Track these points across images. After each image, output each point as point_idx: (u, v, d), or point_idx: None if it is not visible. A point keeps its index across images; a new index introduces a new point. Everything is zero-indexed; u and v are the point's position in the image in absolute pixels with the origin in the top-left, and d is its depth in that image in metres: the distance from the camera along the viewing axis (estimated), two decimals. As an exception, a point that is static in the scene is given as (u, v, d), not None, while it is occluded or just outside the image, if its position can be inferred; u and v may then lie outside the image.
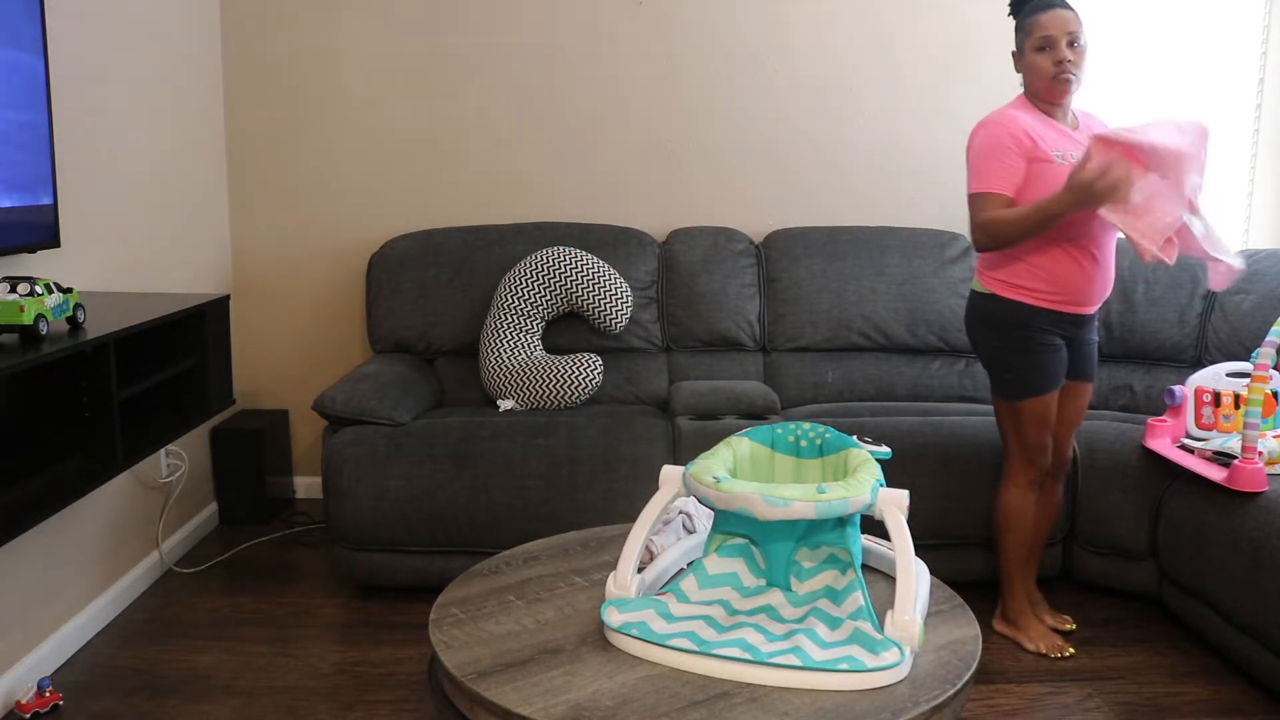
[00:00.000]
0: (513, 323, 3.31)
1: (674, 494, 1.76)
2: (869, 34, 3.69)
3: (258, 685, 2.51)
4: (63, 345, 1.93)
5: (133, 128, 2.99)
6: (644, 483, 2.87)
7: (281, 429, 3.75)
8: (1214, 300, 3.35)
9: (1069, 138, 2.54)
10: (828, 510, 1.62)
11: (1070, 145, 2.52)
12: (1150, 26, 3.71)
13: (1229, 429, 2.86)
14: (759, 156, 3.75)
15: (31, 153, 2.27)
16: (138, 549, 3.05)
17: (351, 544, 2.92)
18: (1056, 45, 2.49)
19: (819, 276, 3.50)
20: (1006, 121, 2.51)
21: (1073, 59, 2.49)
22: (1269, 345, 2.51)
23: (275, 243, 3.76)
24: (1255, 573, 2.38)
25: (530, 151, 3.73)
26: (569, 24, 3.67)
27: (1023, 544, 2.70)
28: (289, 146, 3.71)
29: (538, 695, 1.50)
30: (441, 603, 1.81)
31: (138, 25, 3.01)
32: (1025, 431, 2.62)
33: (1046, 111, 2.57)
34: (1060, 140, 2.52)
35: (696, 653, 1.57)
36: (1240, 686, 2.52)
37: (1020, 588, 2.74)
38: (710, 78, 3.71)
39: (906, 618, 1.58)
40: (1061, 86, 2.51)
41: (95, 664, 2.61)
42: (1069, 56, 2.49)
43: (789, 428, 1.93)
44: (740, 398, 3.04)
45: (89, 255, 2.74)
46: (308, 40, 3.65)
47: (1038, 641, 2.68)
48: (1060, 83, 2.50)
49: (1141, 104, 3.74)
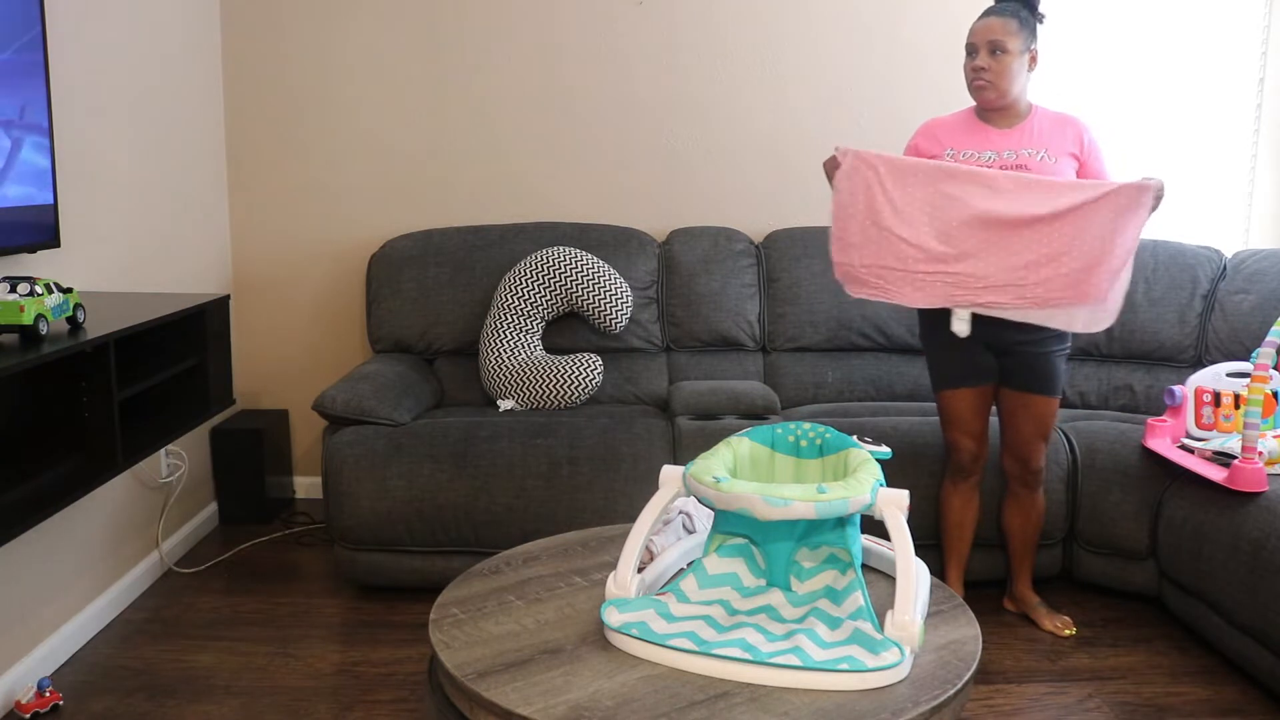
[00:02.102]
0: (513, 323, 3.31)
1: (674, 494, 1.76)
2: (869, 34, 3.69)
3: (258, 685, 2.51)
4: (63, 345, 1.93)
5: (133, 128, 2.99)
6: (644, 483, 2.87)
7: (281, 429, 3.75)
8: (1214, 300, 3.35)
9: (988, 138, 2.60)
10: (828, 510, 1.62)
11: (987, 145, 2.60)
12: (1150, 26, 3.71)
13: (1229, 429, 2.86)
14: (759, 156, 3.75)
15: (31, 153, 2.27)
16: (138, 549, 3.05)
17: (351, 544, 2.92)
18: (977, 52, 2.57)
19: (819, 276, 3.50)
20: (922, 130, 2.71)
21: (988, 66, 2.55)
22: (1269, 345, 2.51)
23: (275, 243, 3.76)
24: (1255, 573, 2.38)
25: (530, 151, 3.73)
26: (569, 24, 3.67)
27: (949, 534, 2.81)
28: (289, 147, 3.71)
29: (538, 695, 1.50)
30: (441, 603, 1.81)
31: (138, 25, 3.01)
32: (942, 426, 2.77)
33: (988, 117, 2.64)
34: (973, 140, 2.61)
35: (696, 653, 1.57)
36: (1240, 686, 2.52)
37: (954, 575, 2.84)
38: (710, 77, 3.71)
39: (906, 618, 1.58)
40: (976, 93, 2.60)
41: (95, 664, 2.61)
42: (985, 64, 2.55)
43: (789, 428, 1.93)
44: (740, 398, 3.04)
45: (89, 255, 2.74)
46: (308, 40, 3.65)
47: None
48: (974, 89, 2.59)
49: (1142, 104, 3.75)
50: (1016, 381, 2.65)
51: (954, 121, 2.69)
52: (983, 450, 2.74)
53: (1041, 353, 2.63)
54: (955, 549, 2.81)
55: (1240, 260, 3.38)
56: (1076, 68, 3.70)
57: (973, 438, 2.71)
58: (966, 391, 2.68)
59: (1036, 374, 2.64)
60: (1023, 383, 2.65)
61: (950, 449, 2.75)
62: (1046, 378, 2.64)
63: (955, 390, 2.69)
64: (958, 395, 2.69)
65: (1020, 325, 2.55)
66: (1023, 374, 2.64)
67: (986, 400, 2.71)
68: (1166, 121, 3.77)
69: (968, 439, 2.71)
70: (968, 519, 2.79)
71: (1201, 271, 3.38)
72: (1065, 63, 3.66)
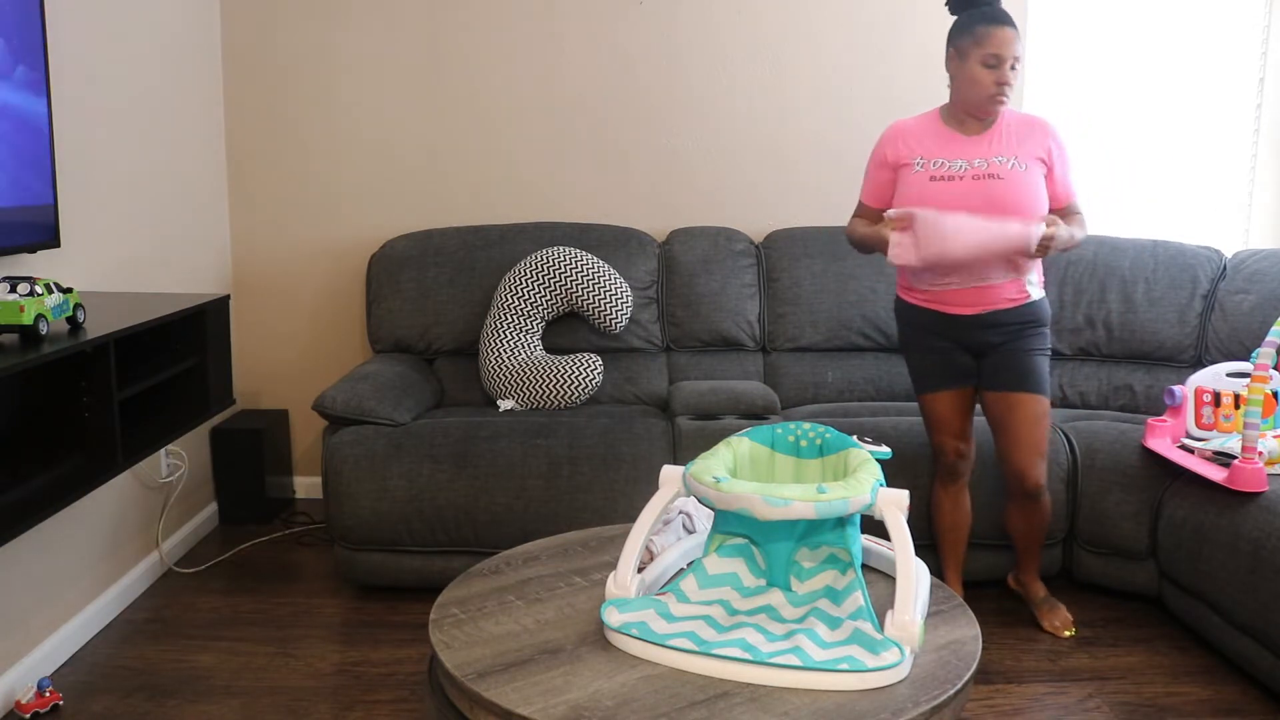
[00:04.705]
0: (513, 323, 3.31)
1: (674, 494, 1.76)
2: (868, 34, 3.69)
3: (258, 685, 2.51)
4: (63, 345, 1.93)
5: (133, 128, 2.99)
6: (644, 483, 2.87)
7: (281, 429, 3.75)
8: (1214, 300, 3.35)
9: (961, 146, 2.58)
10: (828, 510, 1.62)
11: (958, 154, 2.57)
12: (1150, 26, 3.71)
13: (1229, 429, 2.86)
14: (759, 156, 3.75)
15: (31, 152, 2.27)
16: (138, 549, 3.05)
17: (351, 544, 2.92)
18: (1002, 65, 2.52)
19: (819, 276, 3.50)
20: (888, 135, 2.68)
21: (1012, 83, 2.55)
22: (1269, 345, 2.51)
23: (275, 243, 3.76)
24: (1255, 573, 2.38)
25: (530, 151, 3.73)
26: (569, 24, 3.67)
27: (943, 537, 2.81)
28: (289, 147, 3.71)
29: (538, 695, 1.50)
30: (441, 603, 1.81)
31: (138, 25, 3.01)
32: (927, 429, 2.77)
33: (957, 121, 2.61)
34: (944, 147, 2.58)
35: (696, 653, 1.56)
36: (1240, 686, 2.52)
37: (952, 576, 2.84)
38: (710, 77, 3.71)
39: (906, 618, 1.58)
40: (995, 106, 2.57)
41: (95, 664, 2.61)
42: (1010, 80, 2.54)
43: (789, 428, 1.93)
44: (740, 398, 3.04)
45: (89, 255, 2.74)
46: (308, 40, 3.65)
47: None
48: (995, 102, 2.56)
49: (1142, 104, 3.75)
50: (999, 381, 2.63)
51: (921, 127, 2.64)
52: (968, 450, 2.74)
53: (1021, 349, 2.62)
54: (952, 551, 2.81)
55: (1240, 260, 3.38)
56: (1076, 68, 3.70)
57: (957, 438, 2.71)
58: (946, 394, 2.69)
59: (1016, 371, 2.61)
60: (1005, 382, 2.62)
61: (936, 452, 2.76)
62: (1029, 373, 2.61)
63: (935, 393, 2.70)
64: (938, 398, 2.70)
65: (994, 325, 2.60)
66: (1003, 373, 2.63)
67: (968, 401, 2.72)
68: (1166, 122, 3.77)
69: (952, 439, 2.71)
70: (960, 520, 2.79)
71: (1201, 271, 3.38)
72: (1065, 63, 3.66)
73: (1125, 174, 3.78)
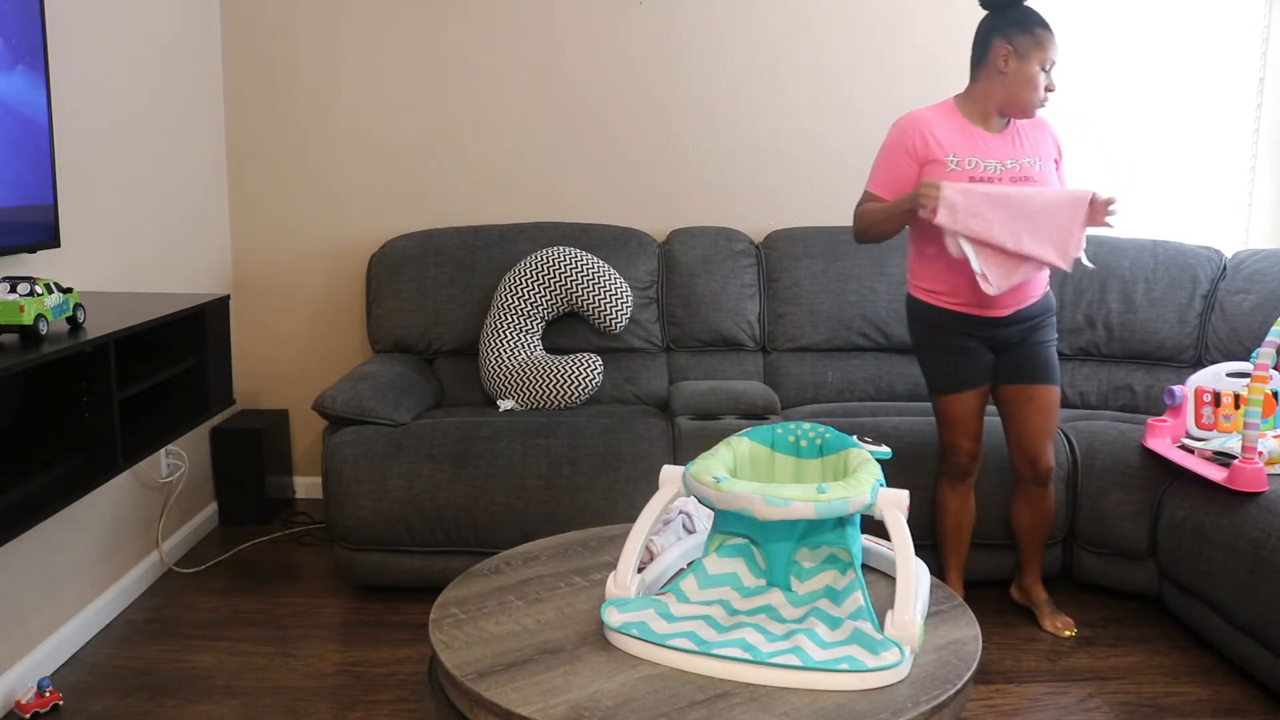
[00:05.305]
0: (513, 323, 3.31)
1: (674, 494, 1.76)
2: (869, 34, 3.69)
3: (258, 685, 2.51)
4: (63, 345, 1.93)
5: (133, 128, 2.99)
6: (644, 483, 2.87)
7: (281, 429, 3.75)
8: (1214, 300, 3.35)
9: (986, 144, 2.56)
10: (828, 510, 1.62)
11: (990, 154, 2.55)
12: (1150, 26, 3.71)
13: (1229, 429, 2.86)
14: (759, 156, 3.75)
15: (31, 152, 2.27)
16: (138, 549, 3.05)
17: (351, 544, 2.92)
18: (1050, 69, 2.55)
19: (819, 276, 3.50)
20: (911, 126, 2.58)
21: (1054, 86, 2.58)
22: (1269, 345, 2.51)
23: (275, 243, 3.76)
24: (1255, 573, 2.38)
25: (530, 151, 3.73)
26: (569, 23, 3.67)
27: (947, 537, 2.80)
28: (289, 146, 3.71)
29: (538, 695, 1.50)
30: (441, 603, 1.81)
31: (138, 25, 3.01)
32: (941, 429, 2.74)
33: (980, 117, 2.59)
34: (972, 146, 2.55)
35: (696, 653, 1.57)
36: (1240, 686, 2.52)
37: (954, 576, 2.83)
38: (710, 77, 3.71)
39: (906, 618, 1.58)
40: (1033, 110, 2.57)
41: (95, 664, 2.61)
42: (1053, 84, 2.56)
43: (789, 428, 1.93)
44: (740, 398, 3.04)
45: (89, 255, 2.74)
46: (308, 40, 3.65)
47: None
48: (1037, 106, 2.56)
49: (1142, 104, 3.75)
50: (1020, 375, 2.65)
51: (944, 121, 2.57)
52: (980, 451, 2.74)
53: (1038, 342, 2.66)
54: (954, 551, 2.81)
55: (1240, 260, 3.38)
56: (1076, 68, 3.70)
57: (973, 439, 2.71)
58: (967, 395, 2.67)
59: (1038, 365, 2.65)
60: (1027, 375, 2.65)
61: (948, 452, 2.74)
62: (1047, 365, 2.66)
63: (957, 394, 2.67)
64: (960, 399, 2.67)
65: (1019, 321, 2.59)
66: (1025, 367, 2.65)
67: (984, 401, 2.71)
68: (1167, 122, 3.77)
69: (968, 441, 2.70)
70: (965, 520, 2.79)
71: (1201, 271, 3.38)
72: (1065, 63, 3.66)
73: (1125, 174, 3.78)
